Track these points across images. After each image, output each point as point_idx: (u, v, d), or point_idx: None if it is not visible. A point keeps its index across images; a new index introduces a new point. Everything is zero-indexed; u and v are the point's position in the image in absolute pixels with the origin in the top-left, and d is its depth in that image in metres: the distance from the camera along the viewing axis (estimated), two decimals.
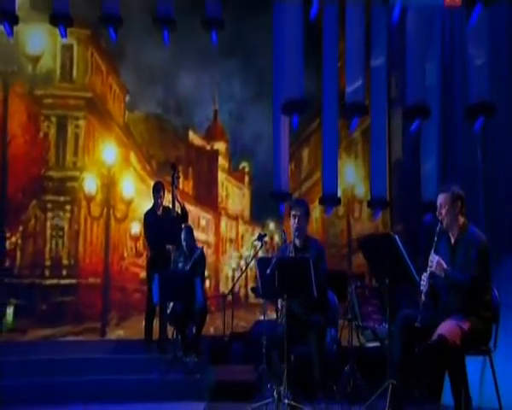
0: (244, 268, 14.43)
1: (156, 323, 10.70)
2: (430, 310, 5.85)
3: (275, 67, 10.75)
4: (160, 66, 15.11)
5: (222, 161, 16.58)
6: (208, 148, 16.51)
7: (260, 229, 15.84)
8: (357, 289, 8.05)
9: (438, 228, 5.93)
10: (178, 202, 10.47)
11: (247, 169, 16.57)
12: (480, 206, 9.60)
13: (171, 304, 9.63)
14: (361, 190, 14.70)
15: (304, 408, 6.35)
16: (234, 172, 16.68)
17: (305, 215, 7.14)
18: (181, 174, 10.96)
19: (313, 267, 6.32)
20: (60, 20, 10.31)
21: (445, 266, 5.71)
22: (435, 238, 5.88)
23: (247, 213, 16.52)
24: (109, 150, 15.43)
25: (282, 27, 10.43)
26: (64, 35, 10.66)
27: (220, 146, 16.56)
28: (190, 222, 11.02)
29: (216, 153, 16.54)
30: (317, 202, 15.04)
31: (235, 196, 16.72)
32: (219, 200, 16.41)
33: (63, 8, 10.26)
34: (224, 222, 16.31)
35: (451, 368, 5.53)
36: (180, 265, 10.00)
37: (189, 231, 10.32)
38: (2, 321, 14.01)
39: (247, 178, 16.60)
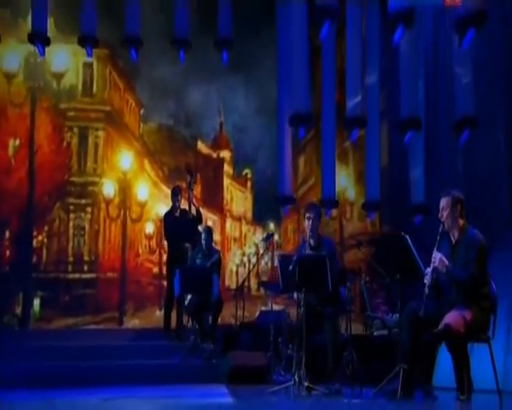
0: (251, 264, 14.50)
1: (173, 313, 10.73)
2: (433, 301, 5.87)
3: (280, 83, 10.73)
4: (171, 82, 15.10)
5: (227, 168, 16.61)
6: (214, 156, 16.54)
7: (261, 229, 15.92)
8: (366, 284, 8.05)
9: (440, 229, 5.93)
10: (194, 204, 10.52)
11: (249, 175, 16.60)
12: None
13: (189, 296, 9.63)
14: (352, 194, 14.70)
15: (320, 390, 6.36)
16: (237, 177, 16.70)
17: (318, 217, 7.16)
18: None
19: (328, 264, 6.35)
20: (87, 41, 10.29)
21: (446, 262, 5.73)
22: (438, 238, 5.88)
23: (249, 215, 16.56)
24: (126, 158, 15.43)
25: (286, 45, 10.43)
26: (90, 55, 10.65)
27: (225, 154, 16.59)
28: None
29: (221, 160, 16.56)
30: None
31: (238, 199, 16.73)
32: (224, 202, 16.43)
33: (90, 30, 10.25)
34: (228, 223, 16.33)
35: (456, 354, 5.54)
36: (198, 261, 10.00)
37: (209, 232, 10.36)
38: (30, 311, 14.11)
39: (249, 183, 16.63)
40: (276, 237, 15.43)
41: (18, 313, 14.10)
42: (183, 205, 10.81)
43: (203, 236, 10.15)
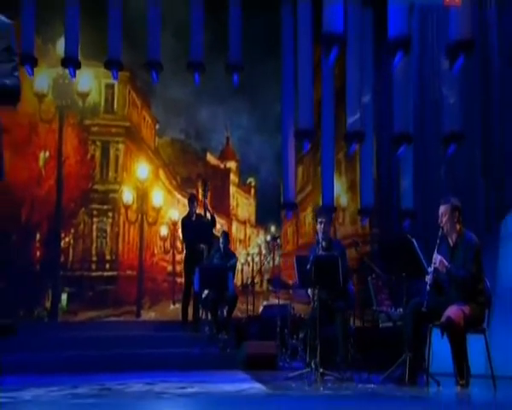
0: (255, 263, 14.55)
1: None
2: (434, 298, 5.88)
3: (284, 101, 10.72)
4: (183, 101, 15.15)
5: (233, 177, 16.66)
6: (222, 166, 16.59)
7: (264, 231, 15.96)
8: (372, 281, 8.02)
9: (439, 233, 5.92)
10: (209, 210, 10.49)
11: (253, 183, 16.66)
12: None
13: (206, 292, 9.57)
14: (344, 201, 14.70)
15: (333, 375, 6.34)
16: (242, 185, 16.77)
17: (329, 222, 7.15)
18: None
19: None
20: (113, 65, 10.30)
21: (446, 263, 5.73)
22: (437, 241, 5.87)
23: (252, 219, 16.60)
24: (143, 168, 15.49)
25: (290, 67, 10.44)
26: (116, 77, 10.67)
27: (231, 165, 16.66)
28: None
29: (228, 170, 16.62)
30: (309, 210, 15.19)
31: (243, 205, 16.76)
32: (231, 208, 16.47)
33: (116, 55, 10.27)
34: (234, 226, 16.34)
35: (456, 344, 5.55)
36: (215, 261, 9.94)
37: (226, 236, 10.33)
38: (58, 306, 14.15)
39: (252, 191, 16.69)
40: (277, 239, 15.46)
41: (47, 306, 14.15)
42: (199, 211, 10.81)
43: (221, 239, 10.12)
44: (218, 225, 14.94)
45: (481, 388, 5.60)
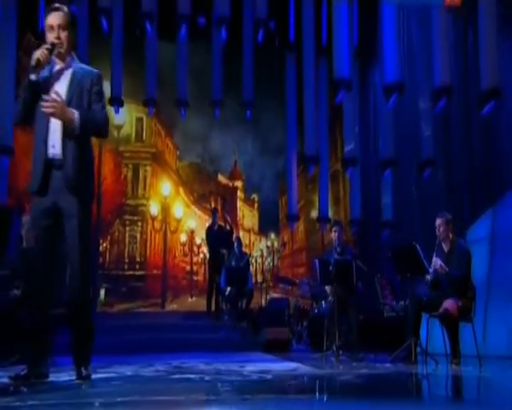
0: (258, 265, 14.57)
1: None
2: (432, 293, 5.92)
3: (288, 129, 10.63)
4: (199, 131, 15.17)
5: (240, 194, 16.72)
6: (231, 185, 16.66)
7: (265, 239, 16.00)
8: (378, 280, 8.01)
9: (436, 241, 5.96)
10: (228, 221, 10.52)
11: (256, 199, 16.74)
12: (415, 220, 9.65)
13: (228, 288, 9.54)
14: (330, 213, 14.70)
15: (349, 357, 6.33)
16: (247, 200, 16.82)
17: (342, 231, 7.15)
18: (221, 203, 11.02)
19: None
20: (150, 103, 10.22)
21: (444, 266, 5.79)
22: (435, 248, 5.92)
23: (256, 228, 16.66)
24: (166, 186, 15.52)
25: (293, 97, 10.40)
26: (151, 113, 10.56)
27: (238, 184, 16.73)
28: None
29: (236, 188, 16.69)
30: (301, 220, 15.21)
31: (248, 216, 16.81)
32: (238, 219, 16.50)
33: (152, 95, 10.21)
34: (241, 233, 16.34)
35: (451, 330, 5.61)
36: (233, 263, 9.94)
37: (239, 241, 10.35)
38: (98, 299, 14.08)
39: (256, 205, 16.75)
40: (275, 244, 15.52)
41: None
42: (220, 221, 10.85)
43: (235, 244, 10.14)
44: None
45: (470, 365, 5.60)
